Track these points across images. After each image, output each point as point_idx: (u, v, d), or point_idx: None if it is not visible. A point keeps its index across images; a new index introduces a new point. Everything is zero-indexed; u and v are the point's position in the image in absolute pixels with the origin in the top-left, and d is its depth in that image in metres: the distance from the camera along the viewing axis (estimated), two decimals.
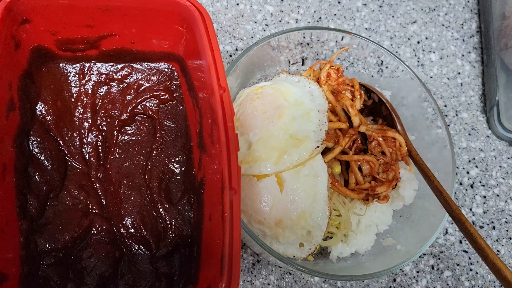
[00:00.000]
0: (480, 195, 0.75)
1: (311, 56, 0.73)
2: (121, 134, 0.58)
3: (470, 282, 0.70)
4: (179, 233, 0.54)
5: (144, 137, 0.58)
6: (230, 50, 0.76)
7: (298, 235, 0.56)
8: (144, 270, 0.54)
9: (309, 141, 0.57)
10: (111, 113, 0.58)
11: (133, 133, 0.58)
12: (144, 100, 0.58)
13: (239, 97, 0.63)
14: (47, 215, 0.53)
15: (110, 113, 0.58)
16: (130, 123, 0.58)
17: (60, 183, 0.54)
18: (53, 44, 0.54)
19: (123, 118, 0.58)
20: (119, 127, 0.58)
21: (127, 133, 0.58)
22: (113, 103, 0.58)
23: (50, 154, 0.54)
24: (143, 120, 0.59)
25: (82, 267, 0.51)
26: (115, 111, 0.58)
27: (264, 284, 0.64)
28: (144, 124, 0.59)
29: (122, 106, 0.58)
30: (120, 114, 0.58)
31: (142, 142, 0.58)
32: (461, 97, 0.80)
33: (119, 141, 0.58)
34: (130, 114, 0.58)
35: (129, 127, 0.58)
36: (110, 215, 0.55)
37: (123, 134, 0.58)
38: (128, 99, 0.58)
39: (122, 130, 0.58)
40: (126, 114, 0.58)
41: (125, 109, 0.58)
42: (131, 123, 0.58)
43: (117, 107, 0.58)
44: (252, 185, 0.56)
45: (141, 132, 0.58)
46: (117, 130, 0.58)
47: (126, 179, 0.56)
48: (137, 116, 0.59)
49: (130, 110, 0.58)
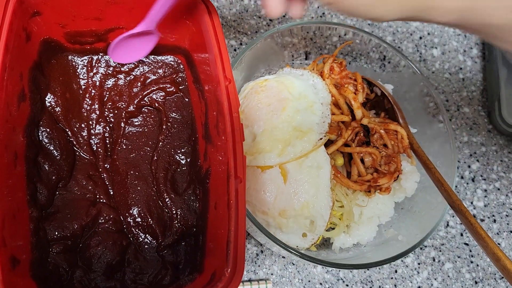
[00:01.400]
0: (481, 188, 0.76)
1: (314, 50, 0.74)
2: (128, 125, 0.59)
3: (470, 274, 0.71)
4: (184, 222, 0.56)
5: (150, 128, 0.59)
6: (235, 44, 0.77)
7: (301, 225, 0.57)
8: (150, 258, 0.55)
9: (313, 133, 0.58)
10: (118, 105, 0.59)
11: (140, 125, 0.59)
12: (150, 92, 0.59)
13: (243, 90, 0.64)
14: (56, 203, 0.54)
15: (117, 105, 0.59)
16: (137, 115, 0.59)
17: (69, 172, 0.55)
18: (62, 36, 0.55)
19: (130, 110, 0.59)
20: (126, 119, 0.59)
21: (134, 124, 0.59)
22: (120, 95, 0.59)
23: (59, 144, 0.55)
24: (150, 112, 0.60)
25: (90, 254, 0.53)
26: (122, 103, 0.59)
27: (267, 274, 0.66)
28: (150, 116, 0.60)
29: (129, 98, 0.59)
30: (127, 106, 0.59)
31: (148, 133, 0.59)
32: (463, 92, 0.81)
33: (126, 132, 0.59)
34: (136, 106, 0.59)
35: (135, 118, 0.59)
36: (117, 205, 0.56)
37: (130, 126, 0.59)
38: (135, 91, 0.60)
39: (129, 122, 0.59)
40: (133, 106, 0.59)
41: (132, 101, 0.59)
42: (138, 115, 0.59)
43: (124, 99, 0.59)
44: (256, 176, 0.57)
45: (148, 123, 0.60)
46: (124, 122, 0.59)
47: (133, 170, 0.58)
48: (143, 108, 0.60)
49: (137, 102, 0.59)
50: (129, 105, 0.59)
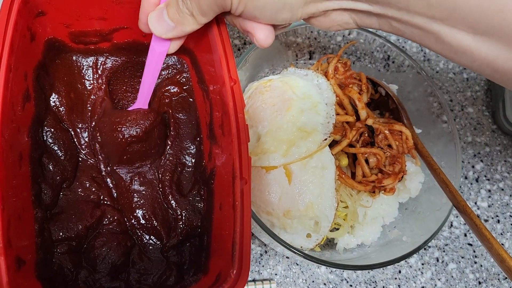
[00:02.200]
0: (485, 189, 0.76)
1: (318, 50, 0.74)
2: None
3: (474, 274, 0.71)
4: (189, 223, 0.56)
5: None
6: (239, 44, 0.77)
7: (305, 226, 0.57)
8: (155, 259, 0.55)
9: (317, 134, 0.58)
10: (124, 105, 0.59)
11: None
12: (156, 93, 0.59)
13: (248, 90, 0.64)
14: (61, 204, 0.54)
15: (123, 106, 0.59)
16: None
17: (73, 173, 0.55)
18: (66, 36, 0.54)
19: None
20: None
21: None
22: (125, 95, 0.59)
23: (63, 145, 0.55)
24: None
25: (95, 255, 0.52)
26: (127, 103, 0.59)
27: (271, 274, 0.65)
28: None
29: (134, 99, 0.59)
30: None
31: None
32: (467, 92, 0.81)
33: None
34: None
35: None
36: (121, 207, 0.56)
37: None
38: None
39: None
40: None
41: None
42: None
43: (129, 100, 0.59)
44: (260, 176, 0.57)
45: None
46: None
47: (137, 176, 0.57)
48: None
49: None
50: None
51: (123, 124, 0.54)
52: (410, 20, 0.38)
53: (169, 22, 0.43)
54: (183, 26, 0.43)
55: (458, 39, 0.37)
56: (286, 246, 0.54)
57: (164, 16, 0.43)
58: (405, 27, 0.39)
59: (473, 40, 0.36)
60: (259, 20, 0.42)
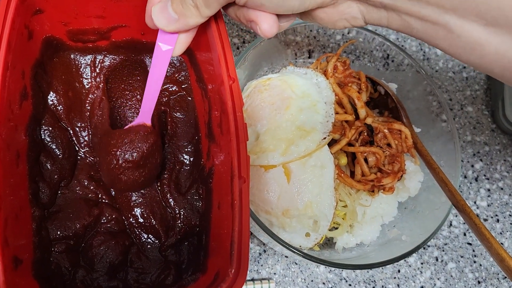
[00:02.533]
0: (484, 188, 0.76)
1: (317, 49, 0.74)
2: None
3: (473, 274, 0.70)
4: (187, 222, 0.55)
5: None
6: (238, 42, 0.77)
7: (304, 225, 0.57)
8: (153, 258, 0.55)
9: (316, 133, 0.58)
10: (122, 103, 0.58)
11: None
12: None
13: (246, 88, 0.64)
14: (58, 203, 0.53)
15: (121, 104, 0.58)
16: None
17: (71, 172, 0.55)
18: (64, 34, 0.54)
19: (133, 109, 0.58)
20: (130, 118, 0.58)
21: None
22: (123, 94, 0.59)
23: (61, 143, 0.54)
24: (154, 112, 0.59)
25: (93, 254, 0.52)
26: (126, 102, 0.59)
27: (270, 273, 0.65)
28: (154, 116, 0.59)
29: (133, 97, 0.59)
30: (131, 104, 0.58)
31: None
32: (466, 91, 0.81)
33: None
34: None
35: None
36: (119, 205, 0.56)
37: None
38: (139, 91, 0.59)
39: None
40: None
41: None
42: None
43: (128, 98, 0.59)
44: (259, 175, 0.57)
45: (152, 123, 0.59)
46: (129, 122, 0.58)
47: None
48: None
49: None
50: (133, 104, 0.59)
51: (119, 147, 0.50)
52: (420, 12, 0.37)
53: (173, 14, 0.42)
54: (186, 19, 0.42)
55: (469, 31, 0.36)
56: (285, 246, 0.54)
57: (168, 8, 0.42)
58: (414, 21, 0.38)
59: (484, 32, 0.35)
60: (265, 8, 0.41)
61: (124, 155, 0.50)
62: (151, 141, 0.51)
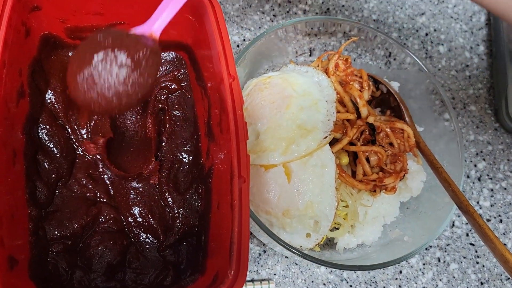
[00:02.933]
0: (487, 188, 0.75)
1: (318, 47, 0.73)
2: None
3: (476, 275, 0.70)
4: (186, 222, 0.55)
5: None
6: (238, 40, 0.76)
7: (305, 225, 0.56)
8: (151, 258, 0.54)
9: (317, 132, 0.57)
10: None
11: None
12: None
13: (247, 87, 0.63)
14: (56, 202, 0.53)
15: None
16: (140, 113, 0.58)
17: (69, 171, 0.54)
18: (62, 32, 0.54)
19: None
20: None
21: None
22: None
23: (59, 142, 0.54)
24: (152, 110, 0.59)
25: (91, 254, 0.52)
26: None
27: (270, 274, 0.65)
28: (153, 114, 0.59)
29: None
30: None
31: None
32: (469, 89, 0.80)
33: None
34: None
35: (138, 116, 0.58)
36: (118, 204, 0.55)
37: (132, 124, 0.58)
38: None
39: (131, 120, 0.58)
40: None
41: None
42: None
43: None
44: (259, 175, 0.56)
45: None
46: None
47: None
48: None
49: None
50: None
51: (112, 45, 0.41)
52: None
53: None
54: None
55: None
56: (285, 246, 0.53)
57: None
58: None
59: None
60: None
61: (116, 53, 0.42)
62: (153, 51, 0.43)
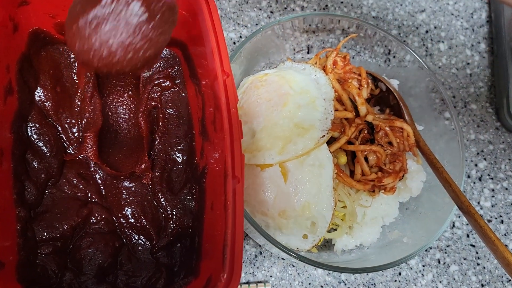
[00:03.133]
0: (488, 188, 0.74)
1: (316, 44, 0.71)
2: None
3: (477, 276, 0.68)
4: (180, 223, 0.53)
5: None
6: (234, 37, 0.74)
7: (302, 226, 0.55)
8: (144, 260, 0.53)
9: (315, 130, 0.56)
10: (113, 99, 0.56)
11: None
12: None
13: (242, 84, 0.62)
14: (45, 203, 0.51)
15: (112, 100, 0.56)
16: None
17: (59, 170, 0.53)
18: (52, 27, 0.52)
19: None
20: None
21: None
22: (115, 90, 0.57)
23: (49, 141, 0.52)
24: (145, 108, 0.57)
25: (81, 256, 0.50)
26: (116, 97, 0.56)
27: (266, 276, 0.63)
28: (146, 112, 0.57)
29: (124, 93, 0.57)
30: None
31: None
32: (470, 88, 0.79)
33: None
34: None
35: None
36: (109, 205, 0.54)
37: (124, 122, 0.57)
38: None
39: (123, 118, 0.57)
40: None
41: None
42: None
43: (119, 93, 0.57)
44: (255, 175, 0.55)
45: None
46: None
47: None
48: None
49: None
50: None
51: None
52: None
53: None
54: None
55: None
56: (281, 248, 0.51)
57: None
58: None
59: None
60: None
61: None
62: (170, 6, 0.40)
